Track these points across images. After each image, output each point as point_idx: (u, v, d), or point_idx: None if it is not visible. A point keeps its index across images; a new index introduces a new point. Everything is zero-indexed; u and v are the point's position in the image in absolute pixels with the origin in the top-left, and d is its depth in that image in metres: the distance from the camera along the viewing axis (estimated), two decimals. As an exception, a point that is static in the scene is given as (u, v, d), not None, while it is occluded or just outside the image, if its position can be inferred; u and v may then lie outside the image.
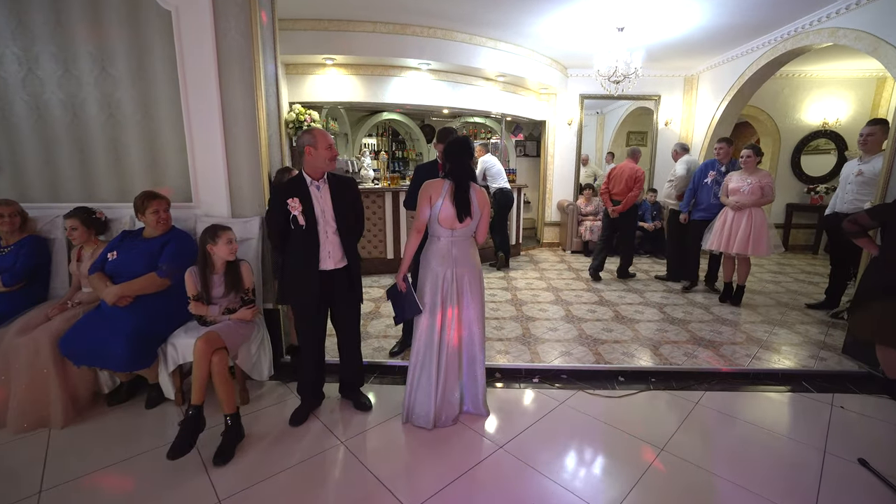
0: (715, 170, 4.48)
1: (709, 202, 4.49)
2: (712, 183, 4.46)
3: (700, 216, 4.56)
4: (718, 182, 4.39)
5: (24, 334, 2.50)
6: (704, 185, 4.54)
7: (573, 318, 3.98)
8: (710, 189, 4.47)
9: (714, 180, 4.45)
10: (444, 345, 2.35)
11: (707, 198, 4.51)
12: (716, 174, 4.46)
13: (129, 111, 2.88)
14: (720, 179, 4.39)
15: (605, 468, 2.07)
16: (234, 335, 2.39)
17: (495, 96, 6.16)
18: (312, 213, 2.24)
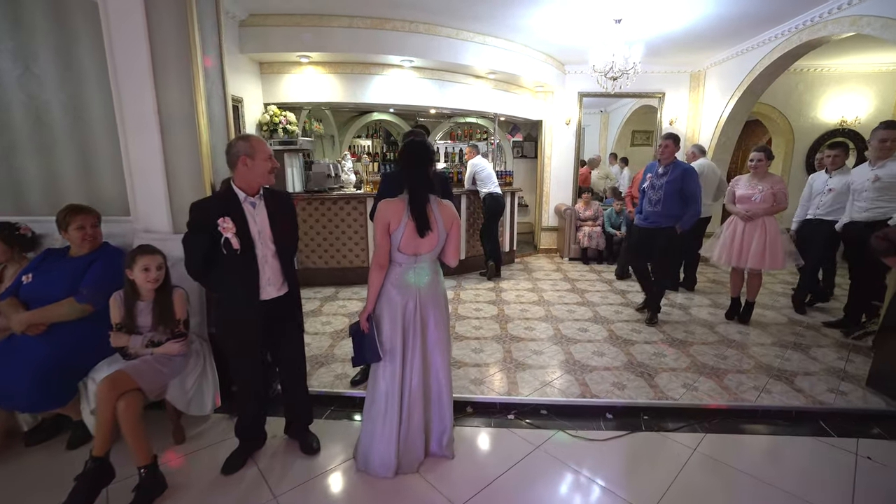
0: (653, 172, 3.81)
1: (645, 206, 3.85)
2: (649, 186, 3.82)
3: (639, 223, 3.93)
4: (655, 186, 3.75)
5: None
6: (643, 189, 3.92)
7: (562, 338, 3.62)
8: (647, 195, 3.84)
9: (651, 184, 3.79)
10: (406, 389, 2.03)
11: (644, 203, 3.87)
12: (653, 177, 3.78)
13: (58, 114, 2.60)
14: (657, 183, 3.73)
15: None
16: (154, 373, 2.09)
17: (487, 95, 5.81)
18: (248, 235, 1.91)
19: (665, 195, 3.65)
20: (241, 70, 4.33)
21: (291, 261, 2.11)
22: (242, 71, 4.35)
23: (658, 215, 3.72)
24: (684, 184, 3.62)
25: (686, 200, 3.65)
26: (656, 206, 3.70)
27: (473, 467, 2.14)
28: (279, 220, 2.01)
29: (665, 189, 3.65)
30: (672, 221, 3.68)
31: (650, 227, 3.78)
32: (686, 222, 3.67)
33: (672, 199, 3.64)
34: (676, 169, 3.66)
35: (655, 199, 3.71)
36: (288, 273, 2.05)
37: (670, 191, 3.63)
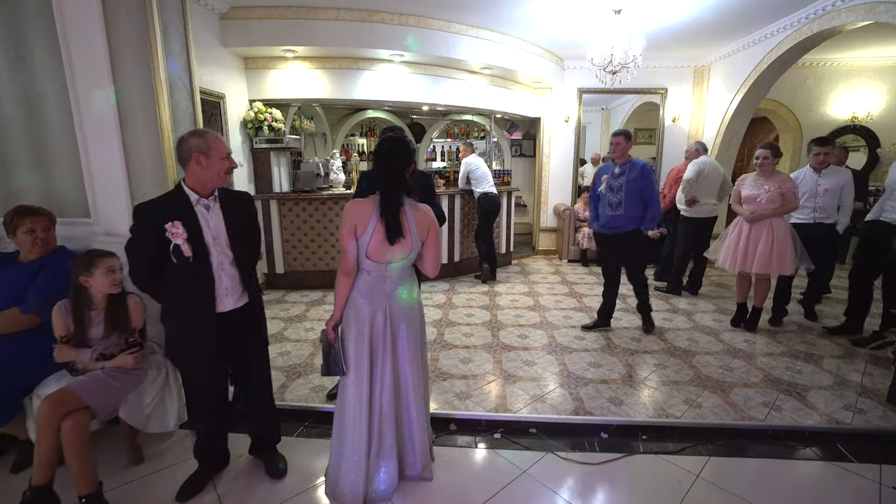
0: (609, 173, 3.48)
1: (604, 213, 3.50)
2: (606, 189, 3.47)
3: (599, 230, 3.60)
4: (614, 188, 3.42)
5: None
6: (600, 193, 3.53)
7: (557, 347, 3.41)
8: (605, 198, 3.47)
9: (608, 187, 3.45)
10: (375, 409, 1.84)
11: (602, 208, 3.51)
12: (609, 178, 3.46)
13: (11, 110, 2.42)
14: (616, 184, 3.42)
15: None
16: (105, 390, 1.90)
17: (482, 91, 5.60)
18: (202, 241, 1.72)
19: (626, 196, 3.39)
20: (224, 65, 4.15)
21: (252, 268, 1.92)
22: (225, 66, 4.16)
23: (622, 219, 3.43)
24: (643, 183, 3.36)
25: (646, 202, 3.40)
26: (618, 209, 3.42)
27: (453, 494, 1.95)
28: (237, 223, 1.81)
29: (626, 189, 3.38)
30: (638, 223, 3.44)
31: (615, 234, 3.49)
32: (648, 224, 3.42)
33: (635, 199, 3.39)
34: (634, 167, 3.40)
35: (616, 201, 3.42)
36: (248, 282, 1.86)
37: (632, 190, 3.38)
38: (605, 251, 3.70)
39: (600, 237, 3.69)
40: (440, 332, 3.73)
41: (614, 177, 3.43)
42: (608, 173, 3.48)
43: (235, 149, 4.38)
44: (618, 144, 3.42)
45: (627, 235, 3.46)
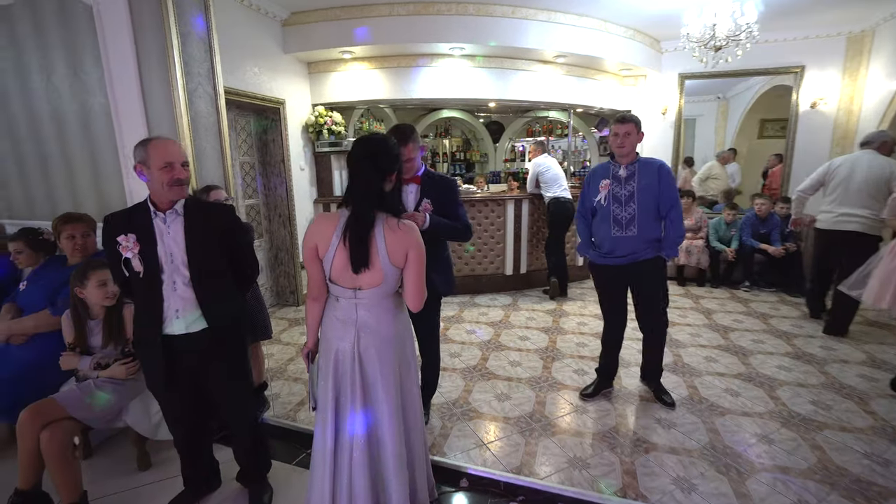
0: (609, 178, 2.44)
1: (606, 232, 2.44)
2: (609, 200, 2.43)
3: (600, 260, 2.52)
4: (621, 199, 2.39)
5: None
6: (597, 205, 2.48)
7: (619, 392, 2.75)
8: (608, 212, 2.42)
9: (612, 197, 2.42)
10: (342, 463, 1.53)
11: (604, 227, 2.45)
12: (612, 186, 2.42)
13: (71, 124, 2.60)
14: (622, 193, 2.38)
15: None
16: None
17: (558, 83, 4.98)
18: (155, 257, 1.58)
19: (640, 210, 2.37)
20: (285, 71, 4.21)
21: (222, 290, 1.71)
22: (286, 72, 4.22)
23: (634, 243, 2.39)
24: (663, 189, 2.36)
25: (666, 217, 2.41)
26: (629, 228, 2.39)
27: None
28: (203, 240, 1.63)
29: (639, 199, 2.36)
30: (657, 249, 2.42)
31: (623, 265, 2.45)
32: (671, 250, 2.42)
33: (652, 213, 2.39)
34: (649, 168, 2.39)
35: (625, 217, 2.39)
36: (210, 305, 1.65)
37: (647, 200, 2.36)
38: (608, 288, 2.62)
39: (600, 270, 2.56)
40: (484, 357, 3.30)
41: (619, 182, 2.40)
42: (608, 177, 2.44)
43: (297, 153, 4.43)
44: (627, 135, 2.34)
45: (643, 267, 2.43)
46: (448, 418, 2.51)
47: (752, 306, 4.34)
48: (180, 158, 1.56)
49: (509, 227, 4.80)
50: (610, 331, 2.70)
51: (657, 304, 2.53)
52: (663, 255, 2.44)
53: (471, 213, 4.69)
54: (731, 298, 4.62)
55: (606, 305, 2.67)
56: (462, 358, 3.30)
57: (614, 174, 2.44)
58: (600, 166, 2.56)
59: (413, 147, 2.11)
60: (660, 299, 2.52)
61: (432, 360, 2.45)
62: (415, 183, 2.21)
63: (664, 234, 2.44)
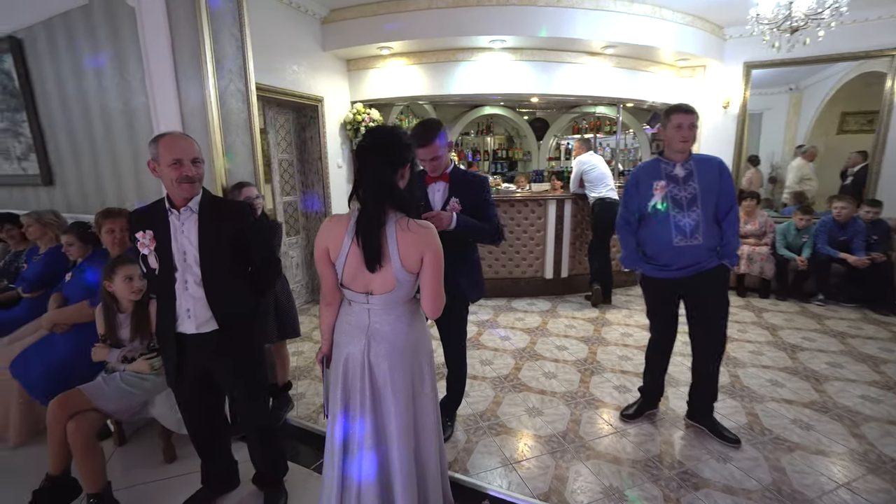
0: (663, 176, 2.09)
1: (666, 241, 2.09)
2: (665, 202, 2.08)
3: (658, 274, 2.19)
4: (682, 202, 2.05)
5: (13, 342, 2.50)
6: (651, 211, 2.13)
7: (666, 416, 2.48)
8: (668, 219, 2.08)
9: (669, 199, 2.07)
10: (351, 478, 1.44)
11: (662, 236, 2.10)
12: (670, 187, 2.07)
13: (118, 122, 2.70)
14: (683, 195, 2.05)
15: None
16: (118, 393, 1.91)
17: (606, 76, 4.65)
18: (169, 254, 1.56)
19: (705, 213, 2.06)
20: (324, 69, 4.21)
21: (233, 292, 1.67)
22: (325, 69, 4.23)
23: (699, 252, 2.09)
24: (725, 187, 2.07)
25: (726, 217, 2.11)
26: (693, 236, 2.07)
27: None
28: (216, 240, 1.59)
29: (702, 201, 2.05)
30: (716, 258, 2.13)
31: (685, 277, 2.13)
32: (733, 254, 2.13)
33: (713, 218, 2.10)
34: (708, 165, 2.09)
35: (690, 224, 2.06)
36: (220, 307, 1.61)
37: (710, 202, 2.07)
38: (662, 302, 2.31)
39: (656, 284, 2.24)
40: (517, 366, 3.12)
41: (677, 183, 2.08)
42: (660, 177, 2.10)
43: (335, 151, 4.44)
44: (692, 127, 2.01)
45: (706, 279, 2.12)
46: (473, 432, 2.36)
47: (828, 323, 3.84)
48: (190, 155, 1.52)
49: (550, 229, 4.56)
50: (657, 344, 2.41)
51: (719, 321, 2.21)
52: (727, 264, 2.13)
53: (510, 214, 4.50)
54: (801, 313, 4.12)
55: (656, 318, 2.37)
56: (493, 366, 3.13)
57: (668, 174, 2.09)
58: (647, 165, 2.21)
59: (440, 143, 1.97)
60: (722, 316, 2.21)
61: (458, 371, 2.31)
62: (443, 181, 2.08)
63: (723, 240, 2.13)
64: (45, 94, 3.02)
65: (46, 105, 3.04)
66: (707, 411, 2.31)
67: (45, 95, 3.02)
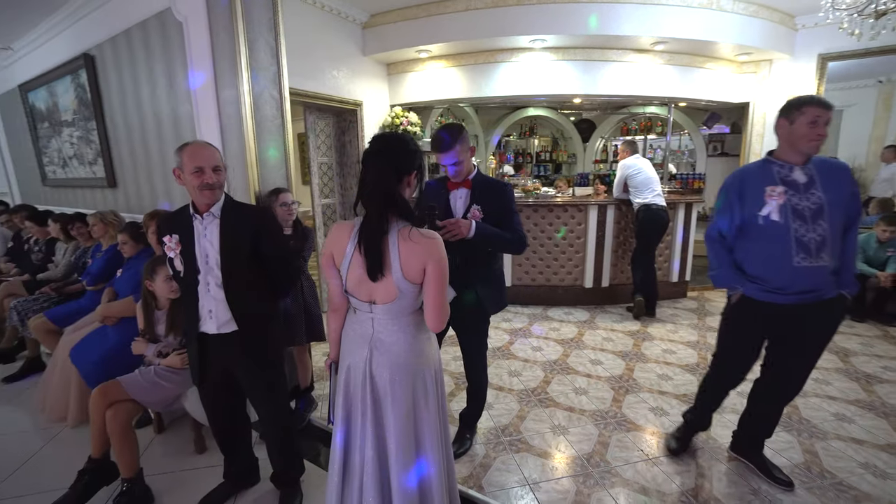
0: (777, 181, 1.73)
1: (782, 260, 1.72)
2: (785, 214, 1.70)
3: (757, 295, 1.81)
4: (802, 213, 1.69)
5: (75, 331, 2.75)
6: (755, 220, 1.77)
7: (706, 445, 2.26)
8: (787, 232, 1.70)
9: (790, 209, 1.70)
10: (351, 479, 1.43)
11: (778, 252, 1.73)
12: (787, 193, 1.70)
13: (167, 128, 2.88)
14: (805, 205, 1.69)
15: None
16: (152, 386, 2.02)
17: (656, 74, 4.37)
18: (193, 257, 1.63)
19: (832, 228, 1.70)
20: (364, 73, 4.29)
21: (253, 294, 1.71)
22: (365, 74, 4.30)
23: (823, 275, 1.72)
24: (853, 197, 1.73)
25: (847, 235, 1.76)
26: (819, 256, 1.69)
27: None
28: (236, 243, 1.64)
29: (830, 214, 1.69)
30: (835, 285, 1.76)
31: (797, 304, 1.75)
32: (852, 280, 1.78)
33: (839, 233, 1.74)
34: (832, 170, 1.74)
35: (816, 241, 1.69)
36: (241, 309, 1.66)
37: (837, 216, 1.71)
38: (754, 331, 1.91)
39: (757, 309, 1.83)
40: (546, 380, 2.99)
41: (798, 190, 1.71)
42: (774, 182, 1.74)
43: (373, 155, 4.50)
44: (827, 124, 1.66)
45: (822, 310, 1.76)
46: (493, 446, 2.28)
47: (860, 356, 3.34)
48: (211, 163, 1.57)
49: (591, 236, 4.35)
50: (725, 379, 2.05)
51: (812, 362, 1.86)
52: (845, 294, 1.78)
53: (548, 219, 4.35)
54: (882, 338, 3.64)
55: (737, 348, 1.98)
56: (522, 378, 3.02)
57: (784, 178, 1.73)
58: (755, 167, 1.83)
59: (462, 149, 1.92)
60: (818, 356, 1.86)
61: (478, 383, 2.24)
62: (465, 187, 2.02)
63: (842, 263, 1.76)
64: (110, 104, 3.30)
65: (111, 114, 3.31)
66: (757, 446, 2.07)
67: (111, 105, 3.30)
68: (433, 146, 1.97)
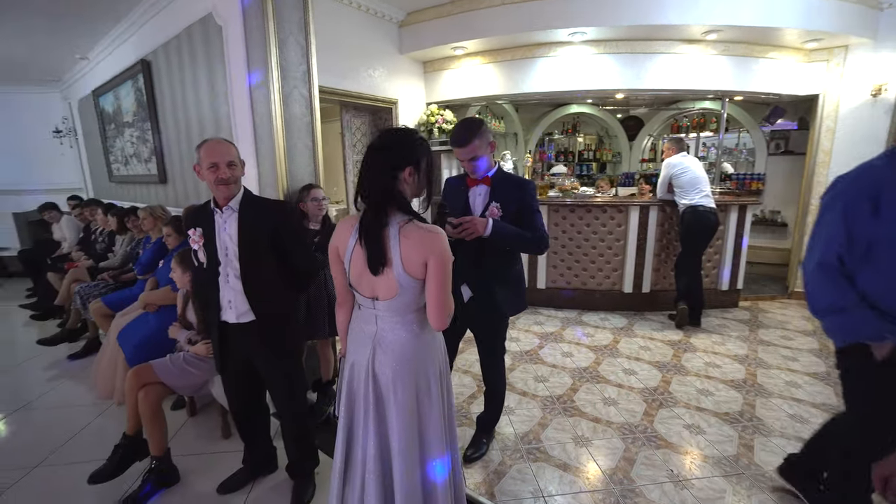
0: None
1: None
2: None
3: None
4: None
5: (123, 316, 2.98)
6: None
7: (749, 471, 2.05)
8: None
9: None
10: (352, 478, 1.44)
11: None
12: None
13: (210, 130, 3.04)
14: None
15: None
16: (180, 371, 2.13)
17: (708, 67, 4.05)
18: (214, 250, 1.71)
19: None
20: (400, 71, 4.31)
21: (270, 286, 1.76)
22: (402, 72, 4.33)
23: None
24: None
25: None
26: None
27: None
28: (254, 236, 1.70)
29: None
30: None
31: None
32: None
33: None
34: None
35: None
36: (258, 300, 1.72)
37: None
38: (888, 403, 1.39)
39: None
40: (573, 387, 2.86)
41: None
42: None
43: (407, 153, 4.52)
44: None
45: None
46: (510, 454, 2.20)
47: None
48: (226, 159, 1.63)
49: (631, 238, 4.12)
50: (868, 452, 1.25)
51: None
52: None
53: (586, 220, 4.17)
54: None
55: (882, 414, 1.40)
56: (548, 384, 2.91)
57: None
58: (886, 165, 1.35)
59: (479, 144, 1.86)
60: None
61: (494, 387, 2.17)
62: (484, 184, 1.96)
63: None
64: (162, 105, 3.54)
65: (163, 114, 3.55)
66: (815, 477, 1.81)
67: (163, 106, 3.53)
68: (450, 141, 1.93)
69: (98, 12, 3.64)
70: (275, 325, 1.76)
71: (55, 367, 3.32)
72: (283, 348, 1.81)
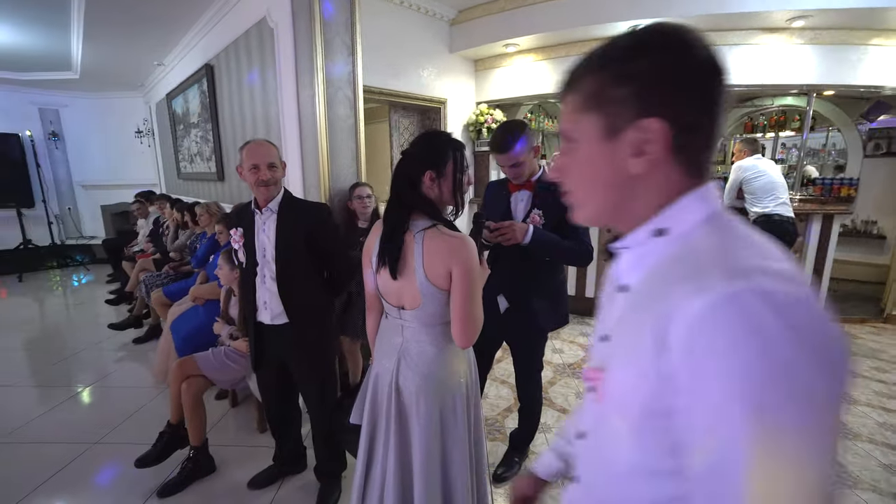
0: None
1: None
2: None
3: None
4: None
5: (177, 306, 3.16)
6: None
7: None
8: None
9: None
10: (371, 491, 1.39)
11: None
12: None
13: (260, 129, 3.14)
14: None
15: None
16: (221, 366, 2.20)
17: (791, 58, 3.59)
18: (253, 250, 1.73)
19: None
20: (451, 70, 4.24)
21: (305, 289, 1.75)
22: (452, 71, 4.25)
23: None
24: None
25: None
26: None
27: None
28: (291, 237, 1.70)
29: None
30: None
31: None
32: None
33: None
34: None
35: None
36: (291, 303, 1.71)
37: None
38: None
39: None
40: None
41: None
42: None
43: (455, 153, 4.45)
44: None
45: None
46: (545, 476, 2.05)
47: None
48: (266, 160, 1.63)
49: (693, 247, 3.76)
50: None
51: None
52: None
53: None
54: None
55: None
56: (591, 402, 2.71)
57: None
58: None
59: (522, 150, 1.74)
60: None
61: (529, 404, 2.04)
62: (527, 189, 1.84)
63: None
64: (222, 106, 3.72)
65: (222, 115, 3.73)
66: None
67: (223, 108, 3.71)
68: (490, 146, 1.82)
69: (172, 20, 3.90)
70: (308, 328, 1.75)
71: (123, 349, 3.60)
72: (315, 352, 1.81)
